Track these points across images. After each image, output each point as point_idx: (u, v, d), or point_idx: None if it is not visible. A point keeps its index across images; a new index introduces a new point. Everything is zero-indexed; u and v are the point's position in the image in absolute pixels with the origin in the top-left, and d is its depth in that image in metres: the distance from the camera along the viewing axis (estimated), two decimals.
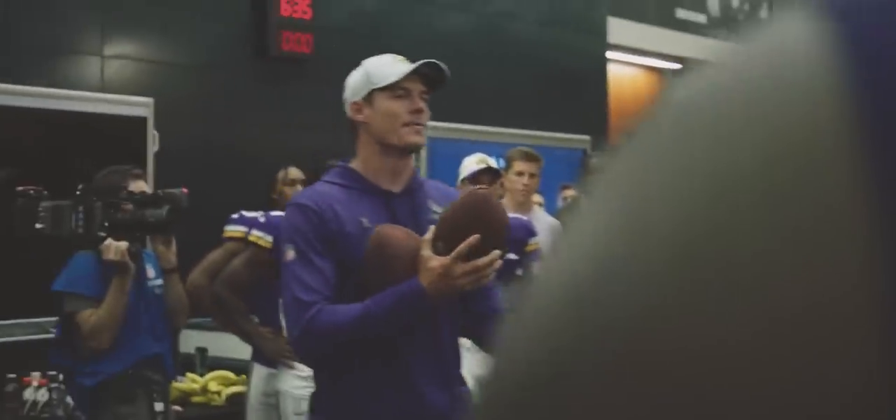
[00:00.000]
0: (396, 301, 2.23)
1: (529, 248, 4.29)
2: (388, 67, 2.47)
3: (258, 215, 4.48)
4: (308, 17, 6.85)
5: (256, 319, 4.25)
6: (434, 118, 8.16)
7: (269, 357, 4.13)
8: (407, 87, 2.43)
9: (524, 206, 4.65)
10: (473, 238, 2.20)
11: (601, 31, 9.25)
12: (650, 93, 11.78)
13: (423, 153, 6.80)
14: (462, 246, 2.20)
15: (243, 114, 6.62)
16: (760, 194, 0.27)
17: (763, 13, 13.78)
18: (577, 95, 8.64)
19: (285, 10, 6.72)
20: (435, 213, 2.41)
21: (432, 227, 2.28)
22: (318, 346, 2.28)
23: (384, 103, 2.42)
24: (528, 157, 4.69)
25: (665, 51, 10.96)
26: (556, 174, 7.27)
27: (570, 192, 6.91)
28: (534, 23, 8.49)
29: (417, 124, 2.42)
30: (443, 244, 2.22)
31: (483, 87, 7.85)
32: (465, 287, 2.24)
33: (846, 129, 0.27)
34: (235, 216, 4.59)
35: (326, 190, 2.41)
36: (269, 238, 4.03)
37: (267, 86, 6.75)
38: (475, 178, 4.19)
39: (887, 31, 0.28)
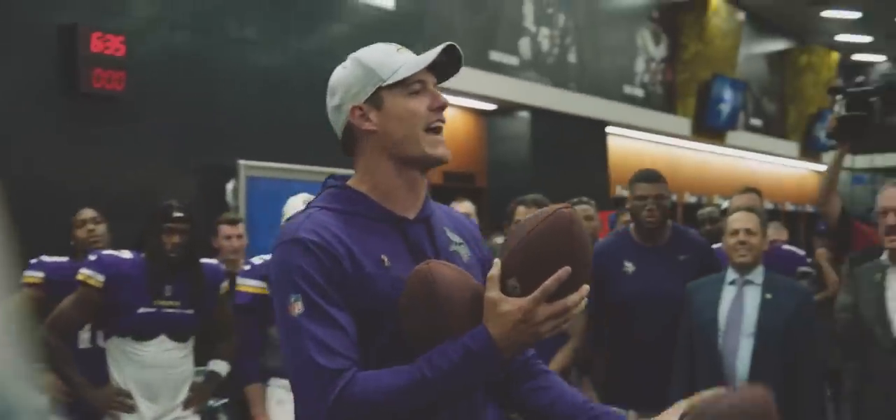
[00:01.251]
0: (461, 359, 1.70)
1: None
2: (392, 58, 1.90)
3: (63, 260, 4.32)
4: (121, 54, 6.70)
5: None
6: (252, 156, 8.09)
7: (99, 409, 3.97)
8: (423, 80, 1.88)
9: None
10: (563, 271, 1.70)
11: None
12: (466, 131, 12.06)
13: (242, 192, 6.75)
14: (550, 281, 1.69)
15: (51, 151, 6.39)
16: None
17: (571, 58, 14.36)
18: None
19: (96, 46, 6.54)
20: (455, 243, 1.97)
21: (497, 262, 1.77)
22: None
23: (399, 104, 1.87)
24: None
25: (479, 91, 11.25)
26: None
27: None
28: None
29: (440, 127, 1.90)
30: (517, 282, 1.73)
31: (302, 124, 7.88)
32: (547, 333, 1.74)
33: None
34: (34, 261, 4.42)
35: (327, 220, 1.83)
36: (101, 278, 3.88)
37: (77, 123, 6.55)
38: None
39: None
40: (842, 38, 18.58)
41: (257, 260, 4.28)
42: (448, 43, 1.88)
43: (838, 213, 4.55)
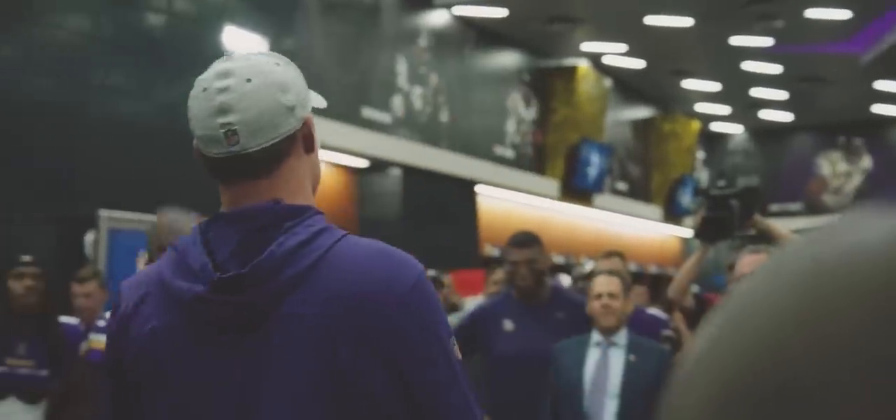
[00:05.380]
0: None
1: None
2: None
3: None
4: None
5: None
6: (114, 207, 7.86)
7: None
8: None
9: None
10: None
11: None
12: (336, 188, 12.00)
13: (103, 244, 6.53)
14: None
15: None
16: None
17: (443, 117, 14.51)
18: None
19: None
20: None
21: None
22: None
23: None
24: None
25: (352, 147, 11.22)
26: None
27: None
28: None
29: None
30: None
31: (166, 175, 7.70)
32: None
33: None
34: None
35: None
36: None
37: None
38: None
39: None
40: (702, 108, 19.34)
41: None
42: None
43: (692, 301, 4.78)
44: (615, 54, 15.61)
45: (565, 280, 8.01)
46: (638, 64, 16.12)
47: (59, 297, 4.15)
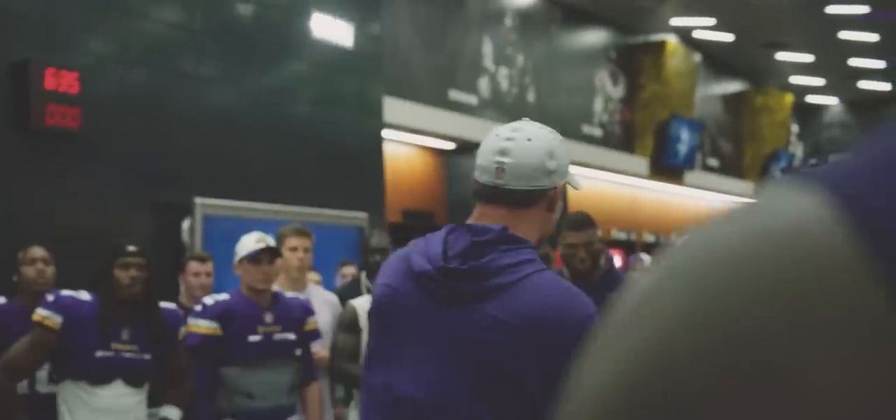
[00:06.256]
0: None
1: (307, 327, 4.24)
2: None
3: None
4: (75, 91, 6.60)
5: None
6: (208, 194, 8.02)
7: None
8: None
9: (299, 282, 4.62)
10: None
11: (377, 111, 9.40)
12: (425, 170, 12.05)
13: (198, 230, 6.68)
14: None
15: (2, 187, 6.27)
16: (785, 300, 0.37)
17: (530, 97, 14.43)
18: (353, 173, 8.73)
19: (50, 83, 6.45)
20: None
21: None
22: None
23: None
24: (300, 233, 4.67)
25: (439, 130, 11.24)
26: (334, 251, 7.29)
27: (348, 269, 6.91)
28: (309, 100, 8.53)
29: None
30: None
31: (258, 163, 7.81)
32: None
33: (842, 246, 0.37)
34: None
35: None
36: (59, 319, 3.76)
37: (29, 160, 6.43)
38: (255, 257, 4.12)
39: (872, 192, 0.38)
40: (796, 80, 18.87)
41: (209, 300, 4.18)
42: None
43: None
44: (704, 28, 15.32)
45: (647, 260, 7.91)
46: (727, 37, 15.80)
47: (157, 283, 4.25)
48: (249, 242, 4.12)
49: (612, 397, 0.39)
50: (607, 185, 14.45)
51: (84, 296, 3.87)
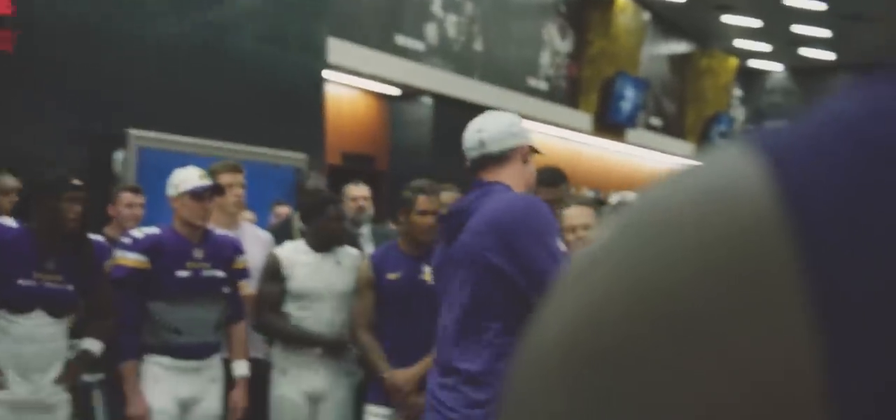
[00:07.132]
0: None
1: (237, 265, 4.19)
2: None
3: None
4: (9, 12, 6.41)
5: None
6: (143, 126, 7.82)
7: None
8: None
9: (234, 219, 4.55)
10: None
11: (320, 51, 9.27)
12: (368, 114, 11.95)
13: (132, 162, 6.54)
14: None
15: None
16: (714, 265, 0.37)
17: (477, 46, 14.36)
18: (293, 113, 8.62)
19: None
20: None
21: None
22: None
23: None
24: (234, 169, 4.60)
25: (384, 75, 11.14)
26: (270, 191, 7.20)
27: (282, 209, 6.84)
28: (252, 37, 8.38)
29: None
30: None
31: (196, 97, 7.67)
32: None
33: (772, 219, 0.37)
34: None
35: None
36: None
37: None
38: (199, 193, 4.05)
39: (806, 161, 0.38)
40: (741, 44, 19.03)
41: (138, 233, 4.11)
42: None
43: None
44: None
45: None
46: None
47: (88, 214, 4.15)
48: (193, 177, 4.07)
49: (554, 354, 0.41)
50: (550, 138, 14.48)
51: (9, 222, 3.78)
